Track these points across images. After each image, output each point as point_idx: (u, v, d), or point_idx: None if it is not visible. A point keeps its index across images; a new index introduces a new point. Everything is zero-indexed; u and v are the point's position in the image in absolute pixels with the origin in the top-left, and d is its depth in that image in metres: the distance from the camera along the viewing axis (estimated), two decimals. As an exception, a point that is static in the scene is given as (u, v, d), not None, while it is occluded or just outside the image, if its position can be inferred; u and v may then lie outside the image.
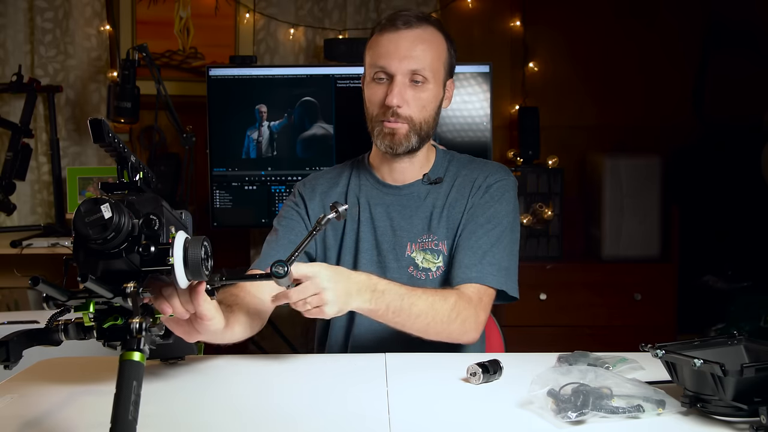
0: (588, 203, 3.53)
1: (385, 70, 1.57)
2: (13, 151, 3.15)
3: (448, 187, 1.69)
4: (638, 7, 3.58)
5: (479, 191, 1.66)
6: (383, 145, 1.62)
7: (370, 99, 1.62)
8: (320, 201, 1.72)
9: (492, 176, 1.68)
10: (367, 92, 1.63)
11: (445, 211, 1.67)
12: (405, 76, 1.57)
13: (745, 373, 1.03)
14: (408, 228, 1.66)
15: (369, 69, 1.62)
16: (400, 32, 1.57)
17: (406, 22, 1.57)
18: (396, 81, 1.56)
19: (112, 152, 1.06)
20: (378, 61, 1.58)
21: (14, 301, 3.38)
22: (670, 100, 3.61)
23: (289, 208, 1.73)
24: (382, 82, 1.59)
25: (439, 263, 1.65)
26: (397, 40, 1.57)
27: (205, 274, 1.13)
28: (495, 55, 3.40)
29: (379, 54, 1.58)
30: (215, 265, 1.18)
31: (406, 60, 1.56)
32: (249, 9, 3.46)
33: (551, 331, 2.94)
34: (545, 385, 1.14)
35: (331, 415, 1.18)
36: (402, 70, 1.56)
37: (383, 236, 1.67)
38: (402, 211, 1.68)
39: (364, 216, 1.69)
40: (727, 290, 3.35)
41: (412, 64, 1.56)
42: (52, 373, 1.38)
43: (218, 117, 3.14)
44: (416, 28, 1.58)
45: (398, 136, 1.60)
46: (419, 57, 1.57)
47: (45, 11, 3.38)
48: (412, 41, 1.57)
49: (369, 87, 1.62)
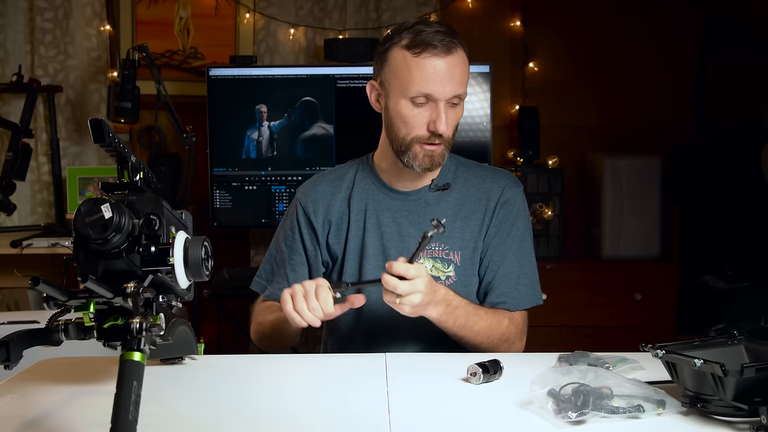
0: (588, 203, 3.53)
1: (430, 96, 1.56)
2: (13, 151, 3.15)
3: (458, 195, 1.69)
4: (638, 7, 3.58)
5: (501, 209, 1.68)
6: (420, 167, 1.61)
7: (407, 121, 1.59)
8: (324, 215, 1.71)
9: (508, 190, 1.70)
10: (402, 113, 1.59)
11: (458, 222, 1.67)
12: (448, 101, 1.57)
13: (745, 373, 1.03)
14: (416, 235, 1.65)
15: (404, 90, 1.57)
16: (444, 59, 1.55)
17: (447, 46, 1.55)
18: (441, 107, 1.56)
19: (113, 152, 1.06)
20: (422, 87, 1.55)
21: (14, 301, 3.38)
22: (670, 100, 3.61)
23: (292, 231, 1.73)
24: (423, 105, 1.57)
25: (449, 272, 1.65)
26: (444, 68, 1.55)
27: (206, 275, 1.13)
28: (495, 55, 3.40)
29: (424, 80, 1.55)
30: (215, 265, 1.18)
31: (450, 86, 1.56)
32: (249, 9, 3.46)
33: (551, 331, 2.93)
34: (545, 385, 1.14)
35: (331, 415, 1.18)
36: (447, 96, 1.56)
37: (390, 242, 1.67)
38: (409, 217, 1.68)
39: (370, 222, 1.68)
40: (727, 290, 3.35)
41: (456, 89, 1.57)
42: (52, 373, 1.38)
43: (218, 117, 3.14)
44: (455, 52, 1.56)
45: (436, 157, 1.61)
46: (461, 81, 1.58)
47: (45, 11, 3.38)
48: (455, 67, 1.56)
49: (404, 108, 1.58)
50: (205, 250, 1.13)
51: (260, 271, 1.77)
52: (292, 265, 1.72)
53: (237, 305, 3.43)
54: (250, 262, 3.52)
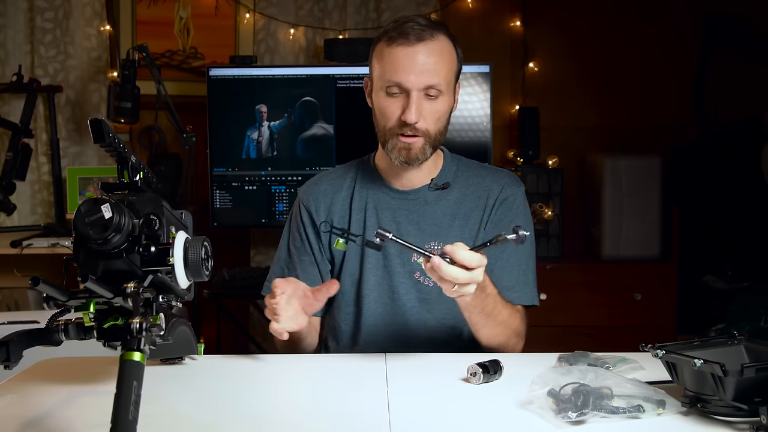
0: (588, 203, 3.53)
1: (400, 85, 1.54)
2: (13, 151, 3.15)
3: (458, 194, 1.69)
4: (638, 7, 3.58)
5: (500, 206, 1.68)
6: (398, 160, 1.60)
7: (383, 112, 1.59)
8: (326, 214, 1.71)
9: (507, 188, 1.69)
10: (379, 104, 1.59)
11: (457, 221, 1.67)
12: (421, 91, 1.55)
13: (745, 373, 1.03)
14: (415, 234, 1.66)
15: (380, 81, 1.58)
16: (414, 47, 1.53)
17: (419, 35, 1.54)
18: (413, 97, 1.54)
19: (113, 152, 1.06)
20: (392, 76, 1.54)
21: (14, 301, 3.38)
22: (670, 100, 3.61)
23: (299, 232, 1.73)
24: (396, 95, 1.56)
25: None
26: (412, 56, 1.53)
27: (206, 275, 1.13)
28: (495, 55, 3.40)
29: (393, 69, 1.54)
30: (215, 265, 1.18)
31: (422, 75, 1.53)
32: (249, 9, 3.46)
33: (551, 331, 2.93)
34: (545, 385, 1.15)
35: (331, 415, 1.18)
36: (418, 86, 1.54)
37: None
38: (409, 216, 1.67)
39: (370, 221, 1.68)
40: (727, 290, 3.35)
41: (428, 79, 1.54)
42: (52, 373, 1.38)
43: (218, 117, 3.14)
44: (429, 42, 1.54)
45: (414, 150, 1.59)
46: (434, 71, 1.54)
47: (45, 11, 3.38)
48: (427, 56, 1.54)
49: (381, 99, 1.59)
50: (205, 250, 1.13)
51: (270, 275, 1.75)
52: (303, 266, 1.71)
53: (237, 305, 3.43)
54: (250, 262, 3.52)
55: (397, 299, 1.66)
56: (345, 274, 1.69)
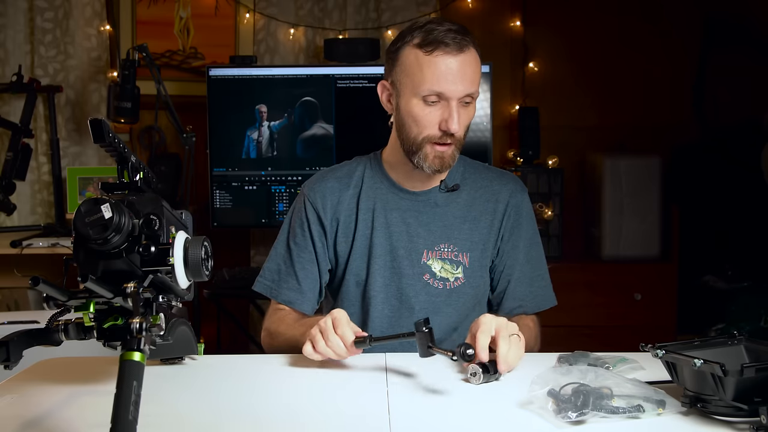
0: (588, 203, 3.53)
1: (442, 95, 1.54)
2: (13, 151, 3.15)
3: (467, 196, 1.69)
4: (638, 7, 3.58)
5: (511, 214, 1.70)
6: (431, 168, 1.60)
7: (418, 120, 1.57)
8: (333, 212, 1.69)
9: (516, 194, 1.72)
10: (413, 112, 1.57)
11: (467, 223, 1.67)
12: (461, 101, 1.56)
13: (745, 373, 1.03)
14: (425, 235, 1.66)
15: (416, 89, 1.56)
16: (456, 57, 1.53)
17: (459, 44, 1.54)
18: (453, 105, 1.54)
19: (113, 152, 1.06)
20: (434, 86, 1.53)
21: (14, 301, 3.38)
22: (670, 100, 3.61)
23: (302, 228, 1.71)
24: (434, 103, 1.56)
25: (458, 274, 1.65)
26: (456, 66, 1.53)
27: (206, 275, 1.13)
28: (495, 55, 3.40)
29: (436, 78, 1.53)
30: (215, 265, 1.18)
31: (462, 85, 1.54)
32: (249, 9, 3.46)
33: (551, 331, 2.92)
34: (545, 385, 1.15)
35: (330, 415, 1.18)
36: (459, 95, 1.55)
37: (399, 242, 1.66)
38: (418, 217, 1.67)
39: (379, 221, 1.67)
40: (727, 290, 3.35)
41: (468, 88, 1.55)
42: (52, 373, 1.38)
43: (218, 117, 3.14)
44: (467, 51, 1.55)
45: (447, 158, 1.60)
46: (472, 81, 1.56)
47: (45, 11, 3.39)
48: (468, 65, 1.55)
49: (415, 107, 1.57)
50: (205, 250, 1.13)
51: (264, 271, 1.73)
52: (302, 264, 1.69)
53: (237, 305, 3.43)
54: (250, 262, 3.52)
55: (405, 301, 1.65)
56: (349, 275, 1.69)
